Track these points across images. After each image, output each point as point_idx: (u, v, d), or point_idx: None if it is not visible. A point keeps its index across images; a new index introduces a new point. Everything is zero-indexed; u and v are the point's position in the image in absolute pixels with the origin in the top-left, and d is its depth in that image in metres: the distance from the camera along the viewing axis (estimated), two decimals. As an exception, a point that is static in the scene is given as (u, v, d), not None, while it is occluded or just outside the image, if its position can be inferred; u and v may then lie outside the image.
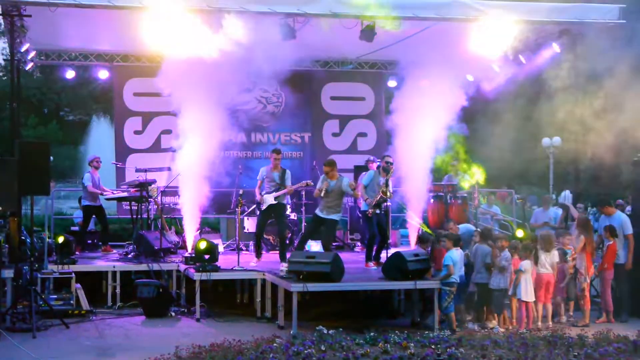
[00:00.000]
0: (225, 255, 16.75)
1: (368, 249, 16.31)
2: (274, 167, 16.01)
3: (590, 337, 11.56)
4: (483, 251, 13.94)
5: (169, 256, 16.97)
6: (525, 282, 13.57)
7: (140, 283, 15.26)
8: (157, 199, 18.17)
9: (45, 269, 15.37)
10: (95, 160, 18.61)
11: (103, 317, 14.92)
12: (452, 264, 13.61)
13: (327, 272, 13.41)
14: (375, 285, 14.93)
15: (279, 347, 10.22)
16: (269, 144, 21.10)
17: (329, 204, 15.56)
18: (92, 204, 18.43)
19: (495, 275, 13.74)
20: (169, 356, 10.19)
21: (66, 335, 13.37)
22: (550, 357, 10.02)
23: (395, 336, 10.92)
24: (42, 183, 14.03)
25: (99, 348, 12.46)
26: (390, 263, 14.23)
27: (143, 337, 13.43)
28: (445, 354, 9.90)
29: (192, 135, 16.33)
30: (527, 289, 13.59)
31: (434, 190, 18.28)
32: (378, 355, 9.82)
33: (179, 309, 15.39)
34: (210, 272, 14.78)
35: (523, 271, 13.55)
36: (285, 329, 13.38)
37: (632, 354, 10.32)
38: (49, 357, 11.65)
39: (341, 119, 21.72)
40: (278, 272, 14.39)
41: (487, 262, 13.79)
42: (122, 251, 17.69)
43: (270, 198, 15.74)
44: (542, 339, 11.02)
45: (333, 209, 15.61)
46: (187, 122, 16.47)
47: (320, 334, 10.98)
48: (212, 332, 13.51)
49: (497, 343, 10.68)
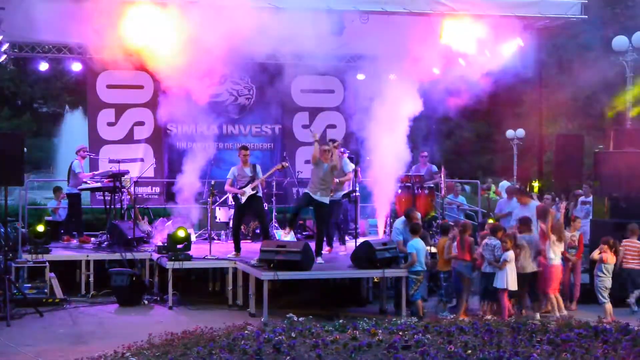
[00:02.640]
0: (197, 245, 16.88)
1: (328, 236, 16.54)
2: (243, 163, 15.96)
3: (552, 324, 11.80)
4: (491, 245, 14.13)
5: (141, 245, 17.13)
6: (509, 272, 13.77)
7: (113, 272, 15.42)
8: (130, 190, 18.30)
9: (20, 259, 15.51)
10: (82, 149, 18.58)
11: (77, 305, 15.08)
12: (416, 252, 13.97)
13: (298, 260, 13.65)
14: (345, 274, 15.18)
15: (250, 334, 10.20)
16: (240, 135, 21.22)
17: (322, 185, 15.11)
18: (77, 192, 18.41)
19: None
20: (142, 343, 10.11)
21: (40, 324, 13.51)
22: (514, 342, 10.14)
23: (364, 323, 10.97)
24: (16, 174, 14.03)
25: (73, 336, 12.63)
26: (359, 252, 14.49)
27: (116, 325, 13.62)
28: (412, 340, 10.01)
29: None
30: (511, 279, 13.77)
31: (402, 181, 18.48)
32: (347, 342, 9.79)
33: (151, 297, 15.57)
34: (182, 260, 14.97)
35: (508, 261, 13.73)
36: (257, 317, 13.52)
37: (592, 339, 10.44)
38: (24, 345, 11.75)
39: (311, 111, 21.91)
40: (249, 261, 14.63)
41: (496, 255, 14.04)
42: (96, 240, 17.80)
43: (249, 189, 15.78)
44: (506, 326, 11.10)
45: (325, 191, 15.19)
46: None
47: (290, 321, 10.98)
48: (184, 319, 13.68)
49: (463, 329, 10.72)
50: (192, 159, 18.99)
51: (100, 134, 20.60)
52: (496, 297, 13.94)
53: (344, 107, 21.36)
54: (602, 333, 10.45)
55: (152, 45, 15.62)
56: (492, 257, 13.88)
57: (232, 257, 15.55)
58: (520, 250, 14.01)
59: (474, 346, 9.81)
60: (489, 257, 13.94)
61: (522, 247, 14.04)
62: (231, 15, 14.98)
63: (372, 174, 17.79)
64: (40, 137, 41.42)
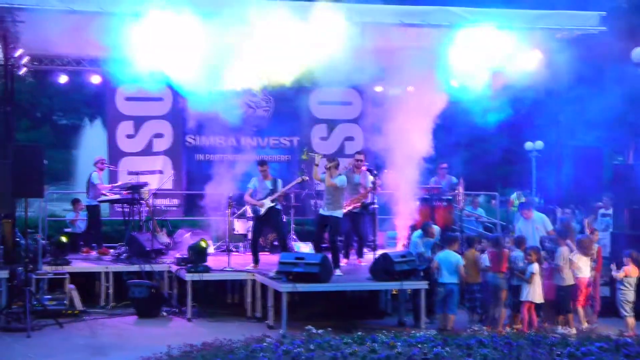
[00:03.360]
0: (215, 257, 16.94)
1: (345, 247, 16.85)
2: (263, 177, 16.05)
3: (573, 337, 11.75)
4: (513, 257, 14.21)
5: (160, 257, 17.18)
6: (534, 285, 13.78)
7: (132, 284, 15.48)
8: (149, 201, 18.37)
9: (40, 270, 15.59)
10: (100, 161, 18.62)
11: (96, 317, 15.14)
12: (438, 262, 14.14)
13: (316, 272, 13.67)
14: (363, 286, 15.17)
15: (269, 346, 10.23)
16: (258, 147, 21.27)
17: (328, 200, 15.38)
18: (97, 203, 18.44)
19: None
20: (161, 355, 10.24)
21: (60, 335, 13.58)
22: (534, 356, 10.12)
23: (383, 336, 10.98)
24: (36, 186, 14.17)
25: (92, 347, 12.68)
26: (377, 264, 14.49)
27: (135, 336, 13.66)
28: (431, 353, 9.99)
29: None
30: (531, 292, 13.80)
31: (421, 193, 18.43)
32: (366, 355, 9.81)
33: (170, 309, 15.62)
34: (201, 272, 15.02)
35: (534, 273, 13.77)
36: (275, 329, 13.61)
37: (614, 353, 10.40)
38: (43, 356, 11.86)
39: (329, 123, 21.94)
40: (268, 273, 14.65)
41: (520, 267, 14.03)
42: (115, 252, 17.84)
43: (268, 201, 15.81)
44: (526, 339, 11.11)
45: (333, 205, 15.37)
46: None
47: (309, 333, 10.99)
48: (203, 331, 13.72)
49: (482, 342, 10.73)
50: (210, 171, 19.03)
51: (119, 146, 20.70)
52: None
53: (362, 119, 21.37)
54: (624, 346, 10.42)
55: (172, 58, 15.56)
56: (517, 270, 13.92)
57: (251, 269, 15.57)
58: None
59: (494, 359, 9.80)
60: (515, 269, 14.01)
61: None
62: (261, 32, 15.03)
63: (391, 186, 17.76)
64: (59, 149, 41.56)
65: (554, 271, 14.28)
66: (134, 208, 17.99)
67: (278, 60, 15.49)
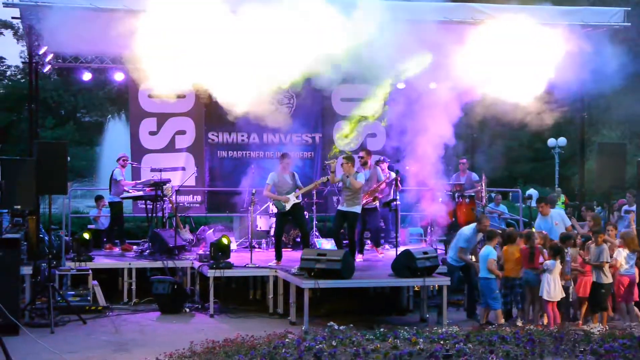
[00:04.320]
0: (237, 253, 17.04)
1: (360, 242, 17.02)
2: (283, 170, 16.09)
3: (596, 334, 11.70)
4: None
5: (183, 254, 17.26)
6: (550, 282, 13.71)
7: (155, 280, 15.54)
8: (172, 198, 18.44)
9: (63, 266, 15.70)
10: (123, 158, 18.73)
11: (119, 313, 15.22)
12: None
13: (338, 269, 13.66)
14: (385, 283, 15.19)
15: (291, 343, 10.26)
16: (280, 144, 21.24)
17: (347, 197, 15.79)
18: (119, 200, 18.56)
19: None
20: (184, 351, 10.28)
21: (83, 331, 13.66)
22: (556, 352, 10.08)
23: (405, 332, 10.99)
24: (60, 182, 14.27)
25: (116, 343, 12.74)
26: (399, 261, 14.48)
27: (158, 332, 13.74)
28: (453, 349, 9.98)
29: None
30: (551, 289, 13.71)
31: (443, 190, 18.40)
32: (388, 351, 9.82)
33: (193, 305, 15.68)
34: (223, 269, 15.06)
35: (546, 270, 13.73)
36: (297, 325, 13.60)
37: (637, 350, 10.35)
38: (67, 352, 11.88)
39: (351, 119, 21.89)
40: (290, 269, 14.68)
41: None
42: (138, 249, 17.97)
43: (293, 197, 15.88)
44: (549, 335, 11.08)
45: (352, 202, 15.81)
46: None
47: (331, 329, 11.01)
48: (225, 327, 13.78)
49: (505, 339, 10.72)
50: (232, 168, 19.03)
51: (142, 142, 20.73)
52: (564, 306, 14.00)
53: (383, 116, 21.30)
54: (647, 343, 10.37)
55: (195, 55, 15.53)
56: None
57: (273, 265, 15.61)
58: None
59: (516, 355, 9.80)
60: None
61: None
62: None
63: (413, 182, 17.74)
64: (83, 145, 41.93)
65: (593, 268, 14.14)
66: (157, 205, 18.06)
67: (314, 57, 15.37)
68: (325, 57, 14.87)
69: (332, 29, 14.75)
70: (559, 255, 13.81)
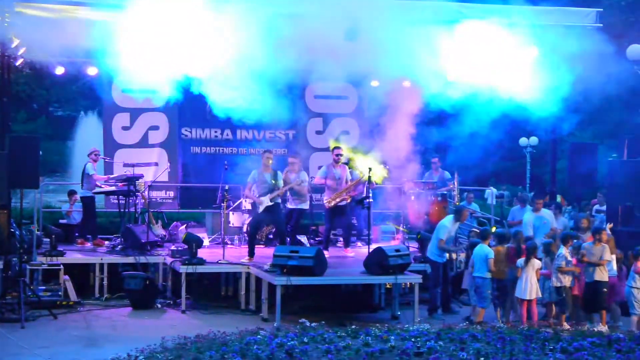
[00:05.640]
0: (210, 249, 17.02)
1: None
2: (264, 168, 16.07)
3: (565, 332, 11.79)
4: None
5: (155, 249, 17.21)
6: (523, 281, 13.85)
7: (127, 275, 15.49)
8: (145, 193, 18.38)
9: (34, 261, 15.60)
10: (94, 152, 18.63)
11: (90, 308, 15.17)
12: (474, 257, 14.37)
13: (311, 266, 13.70)
14: (357, 280, 15.23)
15: (263, 339, 10.25)
16: (254, 140, 21.24)
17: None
18: (91, 195, 18.49)
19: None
20: (155, 347, 10.24)
21: (54, 326, 13.61)
22: (526, 350, 10.15)
23: (377, 329, 11.02)
24: (32, 176, 14.20)
25: (87, 338, 12.73)
26: (371, 258, 14.52)
27: (130, 328, 13.70)
28: (424, 347, 10.03)
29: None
30: (522, 287, 13.85)
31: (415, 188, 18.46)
32: (359, 348, 9.84)
33: (165, 301, 15.66)
34: (196, 265, 15.04)
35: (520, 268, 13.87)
36: (269, 322, 13.66)
37: (606, 348, 10.44)
38: (38, 347, 11.86)
39: (325, 117, 21.91)
40: (262, 266, 14.69)
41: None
42: (110, 244, 17.88)
43: (267, 200, 15.87)
44: (519, 334, 11.16)
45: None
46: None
47: (303, 326, 11.02)
48: (197, 323, 13.78)
49: (475, 337, 10.76)
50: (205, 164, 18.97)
51: (115, 137, 20.62)
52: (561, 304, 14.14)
53: (358, 114, 21.35)
54: (616, 342, 10.46)
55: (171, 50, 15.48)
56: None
57: (246, 261, 15.61)
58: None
59: (486, 354, 9.84)
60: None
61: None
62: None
63: (385, 180, 17.78)
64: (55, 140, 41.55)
65: (585, 267, 14.20)
66: (130, 200, 17.98)
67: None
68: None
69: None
70: (533, 255, 13.94)
